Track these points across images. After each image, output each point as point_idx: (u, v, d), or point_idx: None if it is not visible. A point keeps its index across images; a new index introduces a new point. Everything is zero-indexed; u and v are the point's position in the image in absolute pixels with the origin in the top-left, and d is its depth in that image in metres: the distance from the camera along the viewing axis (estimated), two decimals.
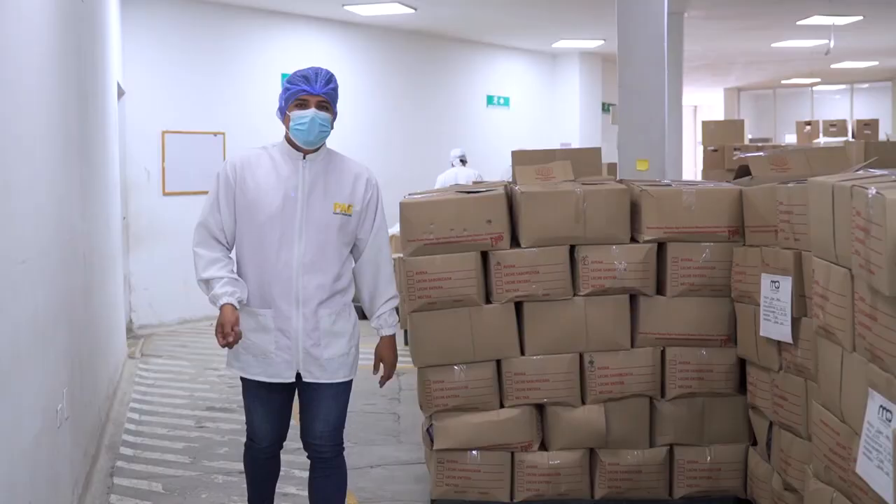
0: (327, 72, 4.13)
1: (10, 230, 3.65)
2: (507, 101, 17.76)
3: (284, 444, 4.40)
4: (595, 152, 5.64)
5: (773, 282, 4.35)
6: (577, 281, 4.91)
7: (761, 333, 4.47)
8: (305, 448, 4.27)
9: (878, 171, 3.73)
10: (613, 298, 4.91)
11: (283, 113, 4.13)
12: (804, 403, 4.20)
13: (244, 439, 6.89)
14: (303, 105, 4.06)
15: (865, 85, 26.47)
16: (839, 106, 26.76)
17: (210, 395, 8.24)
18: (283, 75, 12.93)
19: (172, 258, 11.54)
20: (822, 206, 3.48)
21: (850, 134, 18.05)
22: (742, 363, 4.91)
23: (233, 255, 4.19)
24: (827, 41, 16.72)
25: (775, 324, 4.34)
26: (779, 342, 4.38)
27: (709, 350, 4.94)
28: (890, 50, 19.33)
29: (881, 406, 2.99)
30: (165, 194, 11.69)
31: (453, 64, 16.50)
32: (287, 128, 4.11)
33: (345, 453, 4.28)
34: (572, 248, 4.92)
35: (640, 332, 4.94)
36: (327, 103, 4.08)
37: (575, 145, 17.79)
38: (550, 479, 4.94)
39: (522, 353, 4.93)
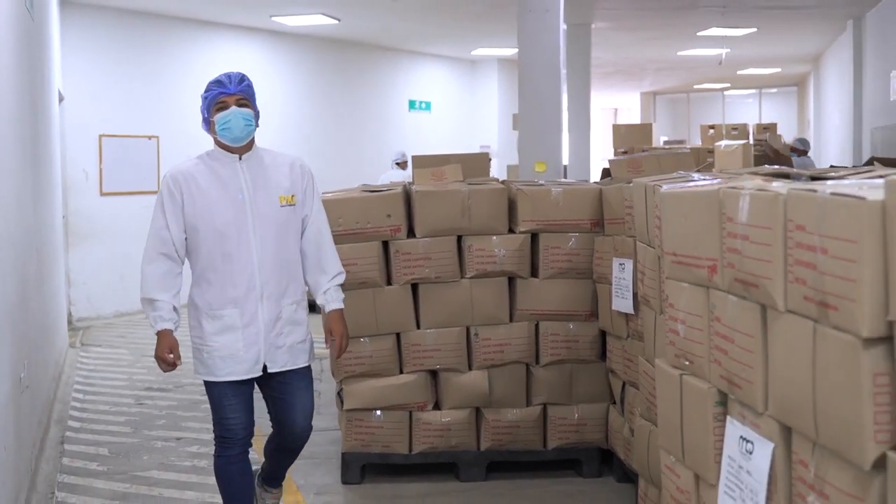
0: (239, 73, 4.29)
1: None
2: (428, 106, 18.59)
3: None
4: (483, 157, 6.54)
5: (620, 264, 5.27)
6: (463, 266, 5.76)
7: (613, 308, 5.39)
8: (285, 440, 4.50)
9: (694, 174, 4.65)
10: (494, 280, 5.77)
11: (208, 122, 4.26)
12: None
13: (181, 413, 7.71)
14: (223, 107, 4.19)
15: (774, 90, 27.71)
16: (750, 109, 27.99)
17: (148, 377, 8.98)
18: None
19: (109, 254, 12.27)
20: (640, 201, 4.42)
21: (750, 137, 19.14)
22: (603, 334, 5.81)
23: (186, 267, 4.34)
24: (727, 49, 17.85)
25: (622, 299, 5.26)
26: (626, 314, 5.30)
27: (575, 323, 5.83)
28: (790, 58, 20.49)
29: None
30: (103, 194, 12.38)
31: (377, 70, 17.26)
32: (214, 133, 4.25)
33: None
34: (459, 238, 5.76)
35: (517, 308, 5.81)
36: (246, 100, 4.22)
37: (494, 147, 18.68)
38: (443, 434, 5.79)
39: (418, 326, 5.76)
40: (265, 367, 4.30)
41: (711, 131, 19.24)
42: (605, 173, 6.31)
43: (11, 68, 5.58)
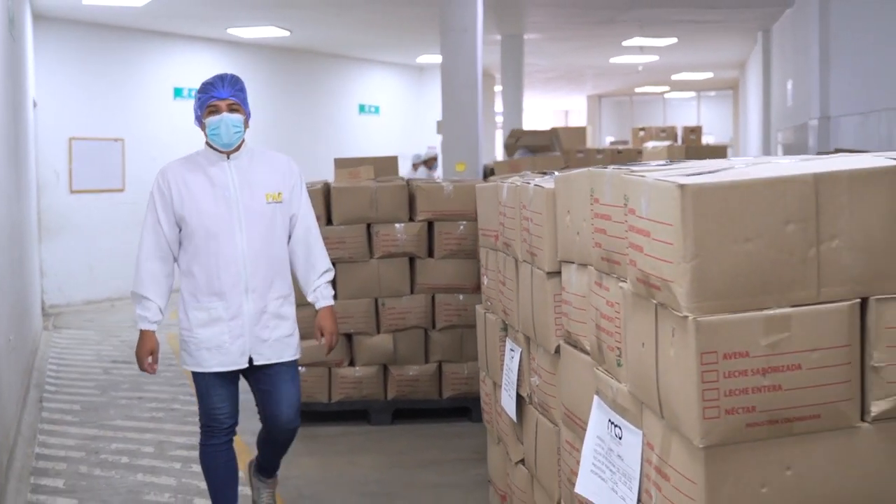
0: (232, 76, 4.38)
1: None
2: (377, 110, 19.77)
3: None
4: (392, 160, 7.83)
5: None
6: (372, 248, 7.01)
7: None
8: (272, 432, 4.58)
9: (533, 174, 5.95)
10: (398, 260, 7.02)
11: (200, 121, 4.34)
12: None
13: (143, 379, 8.91)
14: (214, 111, 4.25)
15: (713, 93, 29.14)
16: (690, 112, 29.42)
17: (114, 353, 10.19)
18: (176, 89, 14.92)
19: (78, 247, 13.43)
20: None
21: (678, 139, 20.53)
22: None
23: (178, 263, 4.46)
24: (655, 57, 19.17)
25: None
26: None
27: (464, 295, 7.07)
28: (718, 64, 21.83)
29: None
30: (72, 192, 13.51)
31: (328, 77, 18.38)
32: (205, 134, 4.34)
33: None
34: (369, 225, 7.01)
35: (417, 283, 7.06)
36: (237, 105, 4.29)
37: (439, 148, 19.93)
38: (356, 386, 7.04)
39: (336, 298, 7.03)
40: (251, 360, 4.39)
41: (642, 133, 20.66)
42: (491, 172, 7.60)
43: (2, 83, 6.82)
